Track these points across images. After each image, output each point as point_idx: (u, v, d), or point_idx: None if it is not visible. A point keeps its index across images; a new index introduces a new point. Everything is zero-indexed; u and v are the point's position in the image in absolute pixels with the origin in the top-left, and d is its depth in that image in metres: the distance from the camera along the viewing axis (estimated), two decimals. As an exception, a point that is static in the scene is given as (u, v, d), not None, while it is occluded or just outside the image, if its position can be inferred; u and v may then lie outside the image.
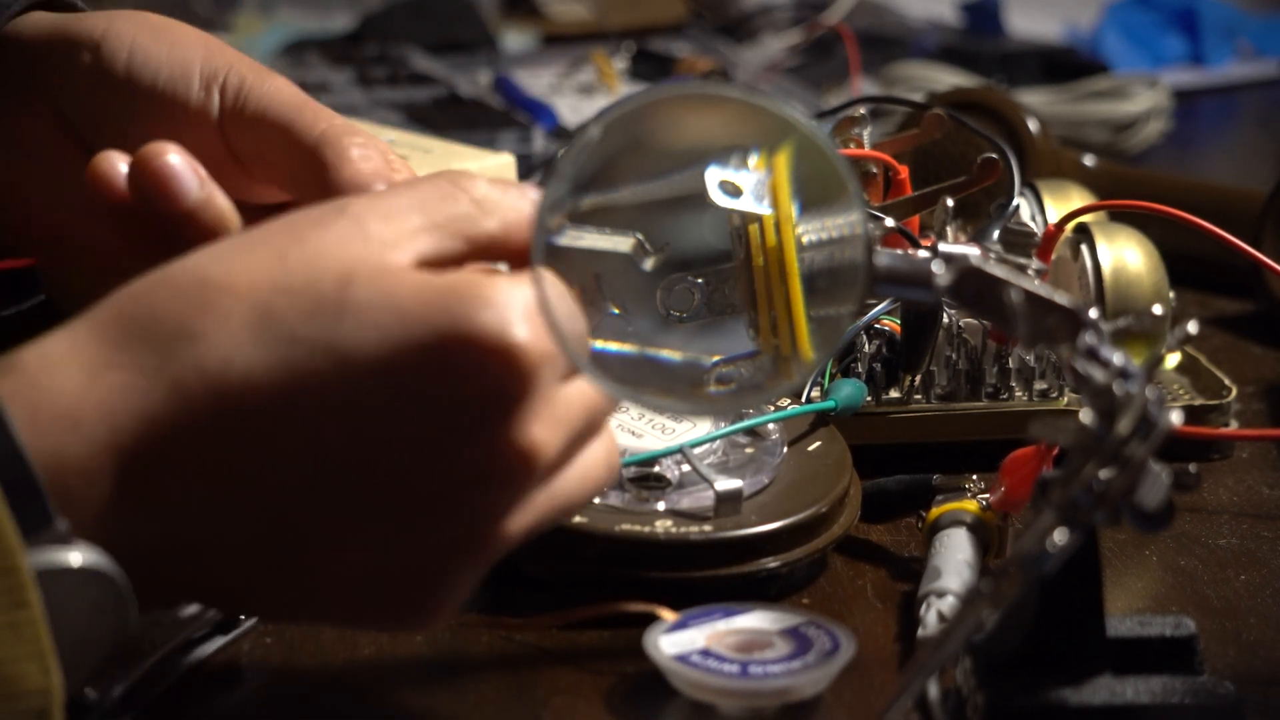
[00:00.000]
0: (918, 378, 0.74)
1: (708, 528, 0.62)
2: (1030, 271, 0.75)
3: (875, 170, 0.76)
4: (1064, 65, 1.35)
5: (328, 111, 0.62)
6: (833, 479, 0.66)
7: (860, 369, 0.74)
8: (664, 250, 0.58)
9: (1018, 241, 0.77)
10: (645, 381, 0.54)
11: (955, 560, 0.62)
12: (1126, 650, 0.56)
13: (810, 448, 0.69)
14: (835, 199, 0.52)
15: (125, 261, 0.53)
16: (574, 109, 1.21)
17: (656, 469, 0.65)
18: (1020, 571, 0.50)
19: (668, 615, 0.59)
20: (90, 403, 0.46)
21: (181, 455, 0.47)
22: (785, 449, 0.68)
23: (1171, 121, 1.28)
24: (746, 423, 0.68)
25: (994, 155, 0.75)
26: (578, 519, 0.62)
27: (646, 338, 0.52)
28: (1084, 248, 0.77)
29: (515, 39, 1.45)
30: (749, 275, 0.56)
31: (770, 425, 0.68)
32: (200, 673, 0.57)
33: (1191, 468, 0.52)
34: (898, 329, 0.74)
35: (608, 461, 0.53)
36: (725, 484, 0.63)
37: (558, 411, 0.49)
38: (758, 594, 0.62)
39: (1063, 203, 0.82)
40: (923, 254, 0.51)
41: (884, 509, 0.70)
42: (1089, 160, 1.05)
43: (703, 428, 0.67)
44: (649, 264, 0.57)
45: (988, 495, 0.65)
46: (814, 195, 0.54)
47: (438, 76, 1.27)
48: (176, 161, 0.57)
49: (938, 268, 0.51)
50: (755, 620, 0.59)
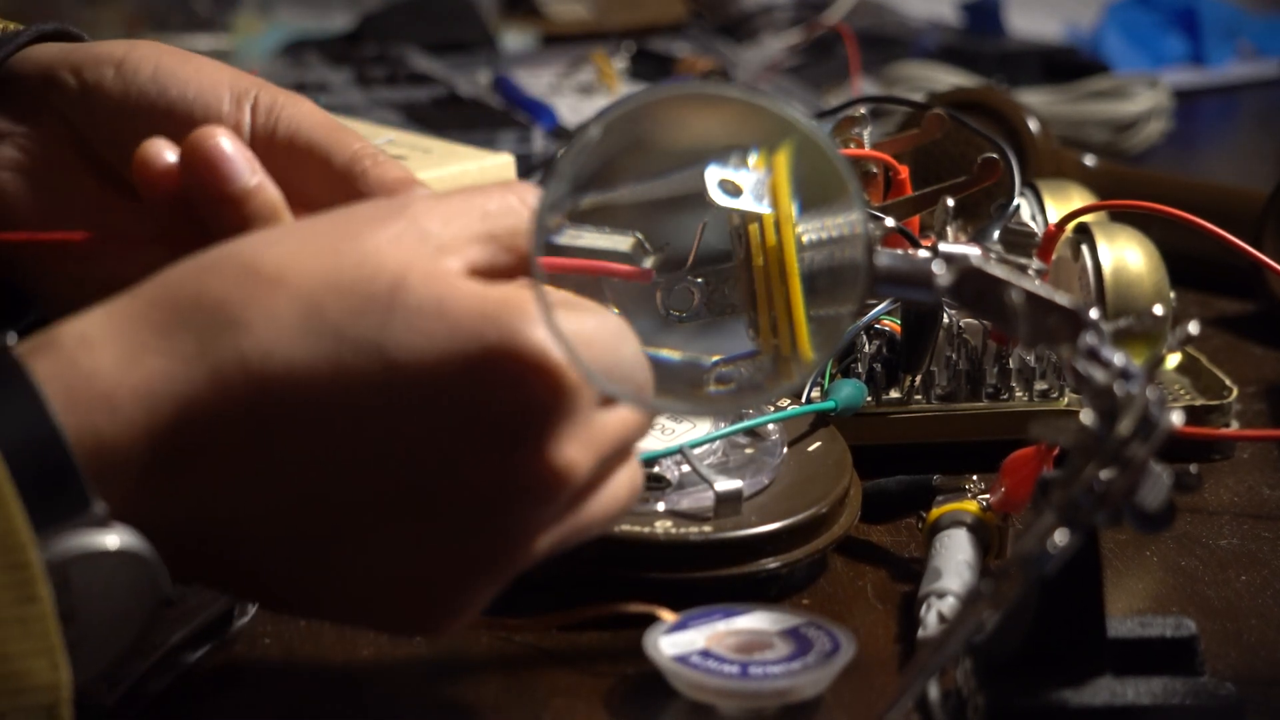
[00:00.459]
0: (918, 378, 0.74)
1: (708, 528, 0.62)
2: (1031, 272, 0.75)
3: (875, 170, 0.76)
4: (1064, 65, 1.35)
5: (359, 134, 0.62)
6: (833, 479, 0.66)
7: (860, 369, 0.74)
8: (664, 250, 0.57)
9: (1018, 241, 0.77)
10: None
11: (956, 561, 0.62)
12: (1127, 651, 0.55)
13: (810, 448, 0.69)
14: (835, 199, 0.52)
15: (121, 280, 0.53)
16: (574, 109, 1.21)
17: (656, 469, 0.65)
18: (1021, 572, 0.50)
19: (667, 616, 0.59)
20: (128, 385, 0.46)
21: (216, 443, 0.47)
22: (785, 449, 0.68)
23: (1172, 121, 1.28)
24: (746, 423, 0.68)
25: (994, 155, 0.75)
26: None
27: (646, 337, 0.52)
28: (1084, 248, 0.77)
29: (515, 39, 1.45)
30: (749, 275, 0.56)
31: (770, 426, 0.68)
32: (200, 673, 0.57)
33: (1192, 468, 0.52)
34: (898, 329, 0.74)
35: (632, 487, 0.53)
36: (725, 484, 0.63)
37: (593, 434, 0.50)
38: (758, 595, 0.62)
39: (1063, 203, 0.82)
40: (923, 254, 0.51)
41: (884, 509, 0.70)
42: (1089, 160, 1.05)
43: (702, 428, 0.67)
44: (649, 264, 0.57)
45: (988, 496, 0.65)
46: (814, 195, 0.54)
47: (437, 76, 1.27)
48: (229, 144, 0.57)
49: (938, 268, 0.51)
50: (755, 621, 0.59)
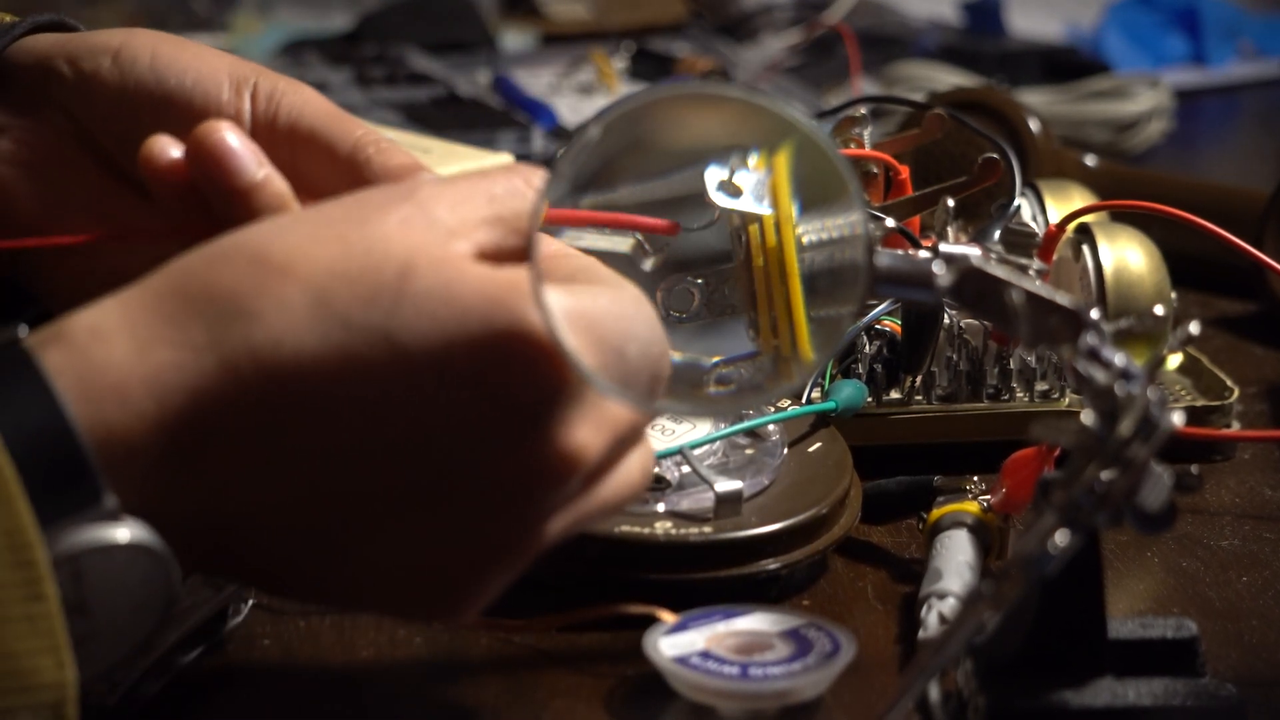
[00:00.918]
0: (918, 379, 0.74)
1: (708, 529, 0.62)
2: (1031, 272, 0.74)
3: (876, 170, 0.76)
4: (1065, 65, 1.35)
5: (360, 120, 0.61)
6: (833, 480, 0.66)
7: (861, 370, 0.74)
8: (664, 250, 0.57)
9: (1019, 242, 0.77)
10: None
11: (956, 562, 0.62)
12: (1128, 652, 0.55)
13: (810, 449, 0.69)
14: (836, 199, 0.52)
15: (125, 273, 0.53)
16: (573, 109, 1.21)
17: (656, 470, 0.65)
18: (1021, 573, 0.50)
19: (667, 617, 0.58)
20: (139, 376, 0.46)
21: (227, 433, 0.47)
22: (785, 450, 0.68)
23: (1173, 121, 1.28)
24: (747, 424, 0.68)
25: (995, 155, 0.75)
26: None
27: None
28: (1085, 248, 0.77)
29: (514, 39, 1.45)
30: (749, 275, 0.56)
31: (770, 426, 0.68)
32: (200, 674, 0.57)
33: (1193, 469, 0.52)
34: (898, 330, 0.74)
35: (644, 470, 0.53)
36: (725, 485, 0.63)
37: (605, 416, 0.49)
38: (758, 596, 0.62)
39: (1064, 203, 0.82)
40: (923, 254, 0.51)
41: (884, 510, 0.70)
42: (1090, 160, 1.05)
43: (703, 429, 0.67)
44: (649, 264, 0.57)
45: (989, 496, 0.65)
46: (814, 195, 0.54)
47: (437, 76, 1.27)
48: (234, 139, 0.57)
49: (939, 268, 0.51)
50: (755, 622, 0.58)
